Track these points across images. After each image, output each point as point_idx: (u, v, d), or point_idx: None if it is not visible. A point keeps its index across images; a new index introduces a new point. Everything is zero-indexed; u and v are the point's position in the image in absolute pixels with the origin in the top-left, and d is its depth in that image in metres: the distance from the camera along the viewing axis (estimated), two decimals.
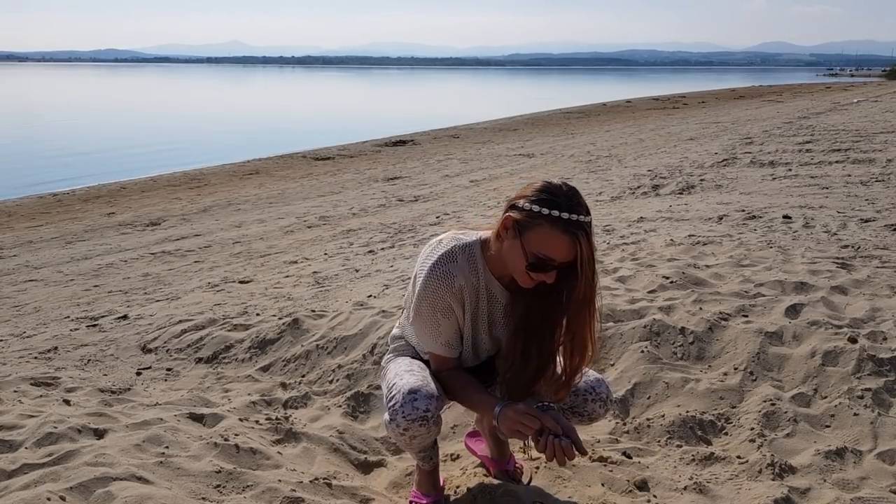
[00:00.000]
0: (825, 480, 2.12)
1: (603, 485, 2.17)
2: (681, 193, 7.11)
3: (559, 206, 1.71)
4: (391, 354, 2.15)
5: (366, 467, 2.45)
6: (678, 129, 16.48)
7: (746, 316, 3.06)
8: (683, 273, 3.58)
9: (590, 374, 2.03)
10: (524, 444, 1.83)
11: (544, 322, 1.87)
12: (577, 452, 1.75)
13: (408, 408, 1.86)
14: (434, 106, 41.24)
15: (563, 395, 1.92)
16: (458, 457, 2.44)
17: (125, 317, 4.25)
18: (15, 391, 2.88)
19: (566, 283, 1.77)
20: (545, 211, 1.72)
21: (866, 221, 4.95)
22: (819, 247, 4.19)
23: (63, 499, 1.90)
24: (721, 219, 5.23)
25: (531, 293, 1.85)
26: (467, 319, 1.95)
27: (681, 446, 2.37)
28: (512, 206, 1.79)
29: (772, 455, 2.22)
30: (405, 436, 1.90)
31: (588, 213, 1.74)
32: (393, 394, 1.91)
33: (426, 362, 2.06)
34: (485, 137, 19.16)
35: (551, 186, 1.75)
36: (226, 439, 2.34)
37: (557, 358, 1.91)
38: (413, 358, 2.08)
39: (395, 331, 2.20)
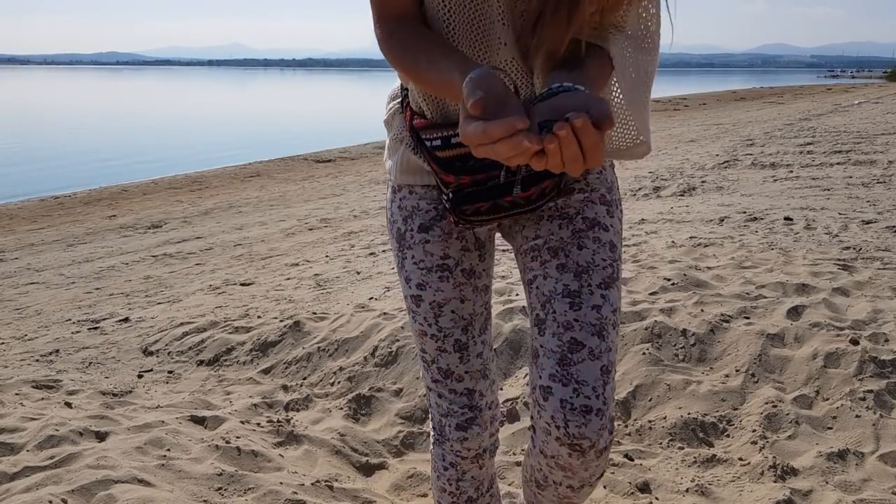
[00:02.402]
0: (827, 482, 2.11)
1: (605, 487, 2.17)
2: (682, 195, 7.11)
3: None
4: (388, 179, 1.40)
5: (367, 470, 2.45)
6: (679, 130, 16.47)
7: (748, 318, 3.06)
8: (685, 275, 3.58)
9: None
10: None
11: None
12: (595, 126, 0.89)
13: (456, 444, 1.35)
14: None
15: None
16: None
17: (126, 319, 4.26)
18: (16, 394, 2.89)
19: None
20: None
21: (868, 223, 4.94)
22: (820, 248, 4.18)
23: (65, 502, 1.90)
24: (722, 220, 5.23)
25: None
26: None
27: (682, 448, 2.37)
28: None
29: (773, 457, 2.21)
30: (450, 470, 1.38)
31: None
32: (433, 415, 1.39)
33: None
34: None
35: None
36: (227, 442, 2.34)
37: None
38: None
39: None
